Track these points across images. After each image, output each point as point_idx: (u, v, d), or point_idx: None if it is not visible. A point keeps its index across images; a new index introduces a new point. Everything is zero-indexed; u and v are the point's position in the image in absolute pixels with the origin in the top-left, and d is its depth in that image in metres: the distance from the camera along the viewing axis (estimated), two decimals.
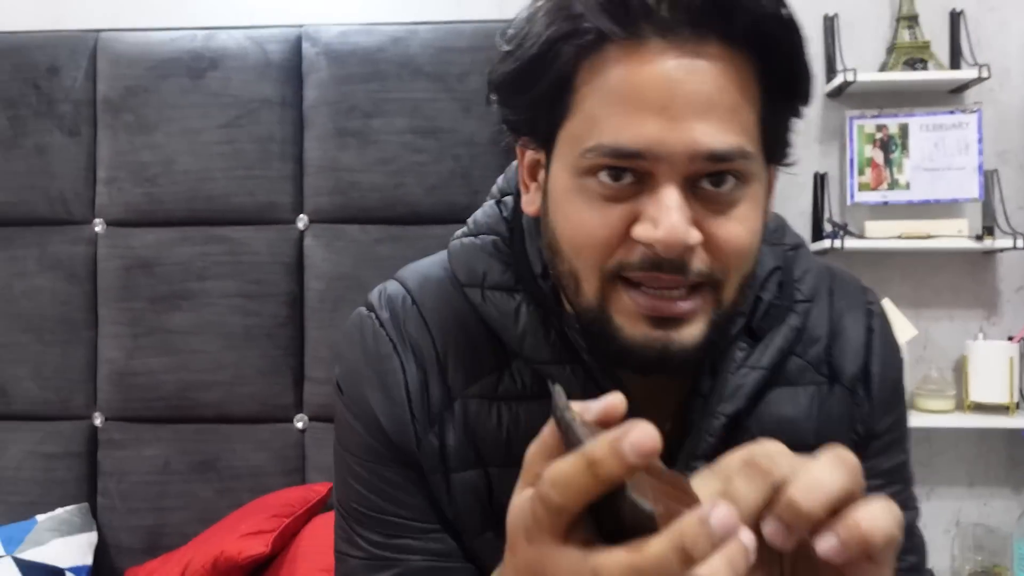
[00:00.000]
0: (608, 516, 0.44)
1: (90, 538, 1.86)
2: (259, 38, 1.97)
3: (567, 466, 0.42)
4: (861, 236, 2.02)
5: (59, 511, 1.86)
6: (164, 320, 1.94)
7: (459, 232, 0.83)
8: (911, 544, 0.86)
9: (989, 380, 1.94)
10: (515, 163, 0.81)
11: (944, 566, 2.03)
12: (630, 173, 0.64)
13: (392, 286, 0.83)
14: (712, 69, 0.63)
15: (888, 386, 0.83)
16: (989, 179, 2.02)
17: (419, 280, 0.82)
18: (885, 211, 2.06)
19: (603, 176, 0.65)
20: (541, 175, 0.72)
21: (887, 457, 0.83)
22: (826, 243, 1.97)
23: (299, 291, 1.96)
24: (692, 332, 0.67)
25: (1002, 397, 1.94)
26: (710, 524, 0.40)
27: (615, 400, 0.46)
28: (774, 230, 0.82)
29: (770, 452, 0.50)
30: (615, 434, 0.41)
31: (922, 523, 2.21)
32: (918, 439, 2.05)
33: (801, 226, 2.06)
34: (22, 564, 1.71)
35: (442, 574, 0.77)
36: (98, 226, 1.97)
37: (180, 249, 1.95)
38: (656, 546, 0.40)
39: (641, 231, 0.64)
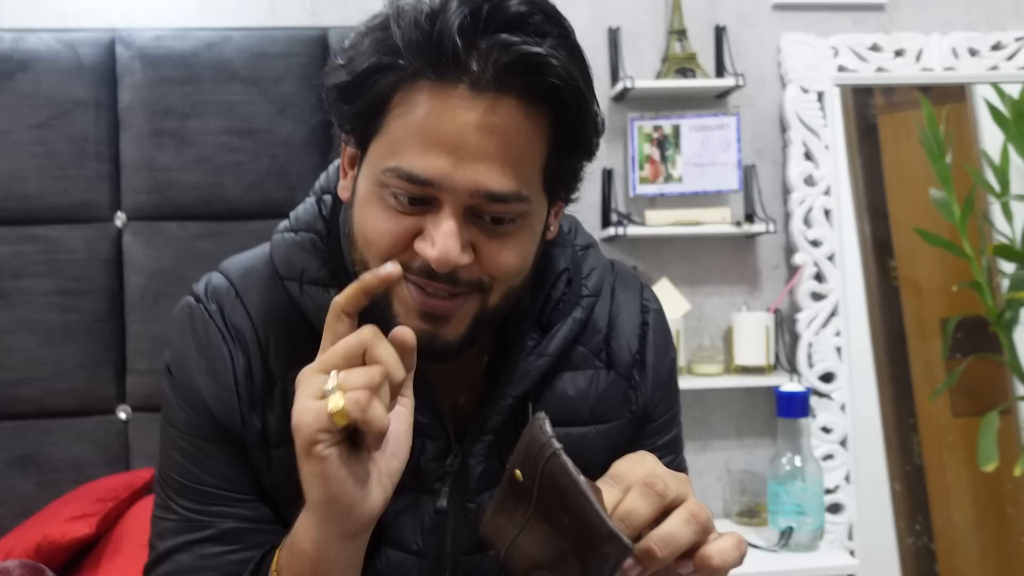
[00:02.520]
0: None
1: None
2: (71, 41, 1.98)
3: None
4: (643, 224, 2.26)
5: None
6: None
7: (282, 225, 0.89)
8: None
9: (751, 346, 2.22)
10: (336, 162, 0.88)
11: (717, 508, 2.31)
12: (421, 195, 0.74)
13: (216, 278, 0.89)
14: (507, 121, 0.72)
15: (662, 373, 0.95)
16: (748, 173, 2.31)
17: (242, 272, 0.89)
18: (662, 202, 2.31)
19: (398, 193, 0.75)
20: (356, 168, 0.80)
21: (663, 434, 0.97)
22: (612, 231, 2.21)
23: (119, 287, 1.99)
24: (456, 328, 0.78)
25: (761, 360, 2.23)
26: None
27: (405, 333, 0.68)
28: (567, 231, 0.93)
29: (664, 476, 0.66)
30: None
31: (699, 472, 2.54)
32: (695, 399, 2.33)
33: (592, 217, 2.28)
34: None
35: (252, 535, 0.84)
36: None
37: None
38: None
39: (420, 247, 0.74)
